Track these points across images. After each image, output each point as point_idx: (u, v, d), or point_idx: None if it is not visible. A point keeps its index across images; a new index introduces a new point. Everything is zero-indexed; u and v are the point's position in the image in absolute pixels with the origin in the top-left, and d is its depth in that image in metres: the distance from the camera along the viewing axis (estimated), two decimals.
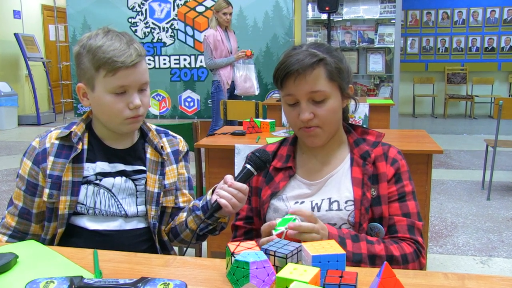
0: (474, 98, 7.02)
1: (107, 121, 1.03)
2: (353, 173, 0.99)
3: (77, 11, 5.55)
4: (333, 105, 0.97)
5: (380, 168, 0.99)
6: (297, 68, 0.93)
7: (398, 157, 1.01)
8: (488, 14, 7.04)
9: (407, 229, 0.96)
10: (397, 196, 0.98)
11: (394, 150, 1.02)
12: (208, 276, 0.81)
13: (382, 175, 0.98)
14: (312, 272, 0.72)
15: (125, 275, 0.81)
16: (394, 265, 0.90)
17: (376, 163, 1.00)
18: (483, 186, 3.43)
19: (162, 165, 1.09)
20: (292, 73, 0.94)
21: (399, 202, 0.98)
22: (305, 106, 0.96)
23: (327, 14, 4.33)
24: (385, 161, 1.00)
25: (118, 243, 1.02)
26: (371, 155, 1.00)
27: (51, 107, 7.47)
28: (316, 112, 0.96)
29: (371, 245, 0.91)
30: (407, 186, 0.99)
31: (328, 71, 0.96)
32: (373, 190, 0.97)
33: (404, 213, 0.97)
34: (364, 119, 2.95)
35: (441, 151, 1.82)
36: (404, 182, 0.99)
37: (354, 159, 1.01)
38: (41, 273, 0.80)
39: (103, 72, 0.96)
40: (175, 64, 5.46)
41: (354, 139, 1.04)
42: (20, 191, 1.06)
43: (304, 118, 0.95)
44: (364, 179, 0.97)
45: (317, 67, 0.94)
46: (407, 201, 0.98)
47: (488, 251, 2.39)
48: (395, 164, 1.00)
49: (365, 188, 0.97)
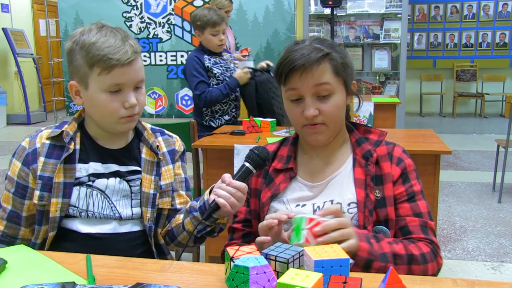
0: (484, 96, 6.76)
1: (101, 120, 1.00)
2: (356, 174, 0.97)
3: (69, 5, 5.46)
4: (338, 101, 0.95)
5: (385, 168, 0.97)
6: (303, 62, 0.91)
7: (403, 156, 0.99)
8: (500, 8, 6.76)
9: (420, 230, 0.94)
10: (406, 196, 0.96)
11: (399, 149, 1.00)
12: (206, 282, 0.79)
13: (386, 176, 0.96)
14: (314, 277, 0.70)
15: (119, 281, 0.79)
16: (414, 265, 0.88)
17: (380, 163, 0.98)
18: (494, 188, 3.36)
19: (158, 165, 1.07)
20: (298, 68, 0.92)
21: (409, 202, 0.96)
22: (309, 101, 0.93)
23: (330, 8, 4.27)
24: (389, 161, 0.98)
25: (112, 247, 1.00)
26: (373, 155, 0.98)
27: (41, 105, 7.36)
28: (321, 108, 0.94)
29: (391, 245, 0.89)
30: (416, 185, 0.98)
31: (334, 66, 0.94)
32: (377, 191, 0.95)
33: (416, 213, 0.95)
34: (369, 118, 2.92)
35: (449, 152, 1.80)
36: (412, 182, 0.97)
37: (357, 160, 0.99)
38: (31, 279, 0.78)
39: (98, 70, 0.93)
40: (172, 60, 5.39)
41: (356, 138, 1.02)
42: (9, 194, 1.03)
43: (308, 114, 0.93)
44: (367, 180, 0.95)
45: (323, 61, 0.93)
46: (417, 201, 0.96)
47: (500, 257, 2.35)
48: (401, 164, 0.98)
49: (368, 189, 0.95)
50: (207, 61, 2.49)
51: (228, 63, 2.59)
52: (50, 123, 2.16)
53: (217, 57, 2.53)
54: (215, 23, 2.40)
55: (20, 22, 7.15)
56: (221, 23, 2.41)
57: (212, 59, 2.50)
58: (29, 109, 6.67)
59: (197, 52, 2.54)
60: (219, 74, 2.50)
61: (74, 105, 5.70)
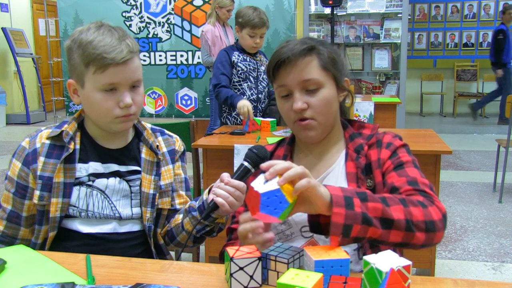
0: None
1: (97, 119, 1.00)
2: (348, 168, 0.96)
3: (68, 5, 5.44)
4: (327, 95, 0.94)
5: (372, 156, 0.95)
6: (288, 55, 0.92)
7: (393, 140, 0.96)
8: (501, 7, 6.65)
9: (407, 183, 0.85)
10: (392, 166, 0.91)
11: (388, 135, 0.98)
12: (206, 282, 0.78)
13: (373, 163, 0.95)
14: (315, 277, 0.70)
15: (119, 281, 0.79)
16: (412, 206, 0.78)
17: (368, 152, 0.96)
18: (494, 188, 3.35)
19: (158, 165, 1.06)
20: (283, 61, 0.92)
21: (396, 170, 0.89)
22: (298, 95, 0.93)
23: (330, 8, 4.27)
24: (378, 148, 0.96)
25: (112, 247, 1.00)
26: (364, 148, 0.97)
27: (41, 105, 7.35)
28: (310, 102, 0.93)
29: (386, 207, 0.77)
30: (404, 157, 0.92)
31: (321, 59, 0.94)
32: (369, 181, 0.94)
33: (403, 176, 0.88)
34: (369, 118, 2.92)
35: (450, 152, 1.79)
36: (399, 154, 0.92)
37: (349, 154, 0.98)
38: (31, 279, 0.77)
39: (93, 68, 0.93)
40: (171, 60, 5.37)
41: (350, 133, 1.01)
42: (9, 194, 1.03)
43: (296, 107, 0.93)
44: (358, 173, 0.95)
45: (308, 54, 0.93)
46: (405, 168, 0.89)
47: (500, 257, 2.34)
48: (390, 146, 0.95)
49: (360, 182, 0.94)
50: (235, 57, 2.49)
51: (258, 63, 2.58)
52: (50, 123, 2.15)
53: (248, 55, 2.53)
54: (255, 25, 2.40)
55: (19, 21, 7.14)
56: (261, 27, 2.42)
57: (242, 56, 2.51)
58: (28, 109, 6.65)
59: (229, 47, 2.57)
60: (242, 71, 2.50)
61: (73, 105, 5.67)
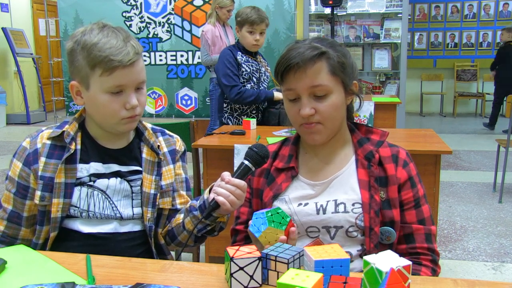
0: (485, 96, 6.74)
1: (102, 121, 1.00)
2: (359, 175, 0.97)
3: (68, 5, 5.44)
4: (335, 101, 0.94)
5: (389, 170, 0.97)
6: (298, 61, 0.91)
7: (407, 159, 1.00)
8: (501, 7, 6.73)
9: (424, 238, 0.96)
10: (413, 202, 0.97)
11: (403, 152, 1.01)
12: (206, 282, 0.78)
13: (391, 178, 0.96)
14: (315, 277, 0.69)
15: (119, 281, 0.78)
16: None
17: (384, 165, 0.97)
18: (494, 188, 3.35)
19: (159, 165, 1.06)
20: (292, 67, 0.92)
21: (415, 208, 0.97)
22: (306, 101, 0.93)
23: (330, 8, 4.27)
24: (394, 163, 0.98)
25: (113, 246, 1.00)
26: (376, 156, 0.98)
27: (41, 105, 7.34)
28: (317, 108, 0.93)
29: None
30: (420, 190, 0.99)
31: (331, 65, 0.93)
32: (382, 192, 0.95)
33: (420, 219, 0.97)
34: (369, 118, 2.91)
35: (450, 152, 1.80)
36: (418, 186, 0.99)
37: (359, 161, 0.99)
38: (31, 279, 0.77)
39: (99, 71, 0.93)
40: (171, 60, 5.36)
41: (358, 138, 1.02)
42: (9, 194, 1.03)
43: (304, 113, 0.93)
44: (371, 181, 0.95)
45: (318, 60, 0.92)
46: (421, 206, 0.98)
47: (500, 257, 2.34)
48: (407, 167, 0.98)
49: (373, 190, 0.95)
50: (239, 57, 2.51)
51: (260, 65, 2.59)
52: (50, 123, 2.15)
53: (250, 56, 2.54)
54: (253, 22, 2.42)
55: (19, 21, 7.14)
56: (259, 23, 2.43)
57: (245, 57, 2.52)
58: (28, 109, 6.65)
59: (231, 47, 2.58)
60: (246, 72, 2.51)
61: (73, 105, 5.67)
